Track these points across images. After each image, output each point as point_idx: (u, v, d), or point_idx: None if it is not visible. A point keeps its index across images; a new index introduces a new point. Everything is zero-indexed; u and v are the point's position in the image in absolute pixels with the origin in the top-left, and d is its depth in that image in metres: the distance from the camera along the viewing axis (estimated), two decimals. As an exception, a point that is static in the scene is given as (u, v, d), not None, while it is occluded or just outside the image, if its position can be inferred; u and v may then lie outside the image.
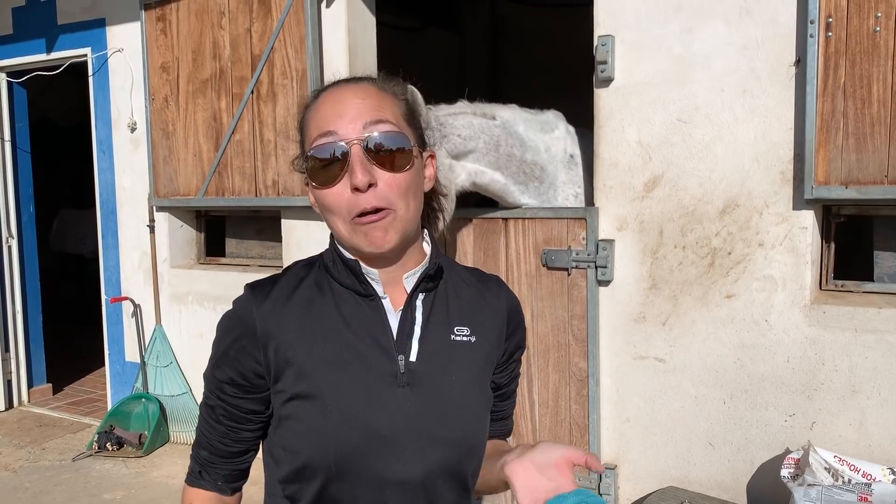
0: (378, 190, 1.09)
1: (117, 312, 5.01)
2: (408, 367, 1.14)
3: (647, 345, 3.13)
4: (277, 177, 4.06)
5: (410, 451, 1.11)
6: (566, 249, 3.18)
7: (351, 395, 1.11)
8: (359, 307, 1.16)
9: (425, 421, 1.13)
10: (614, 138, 3.13)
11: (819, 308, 2.81)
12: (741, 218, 2.92)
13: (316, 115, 1.13)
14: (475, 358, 1.20)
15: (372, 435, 1.10)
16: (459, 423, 1.15)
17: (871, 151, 2.62)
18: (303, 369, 1.12)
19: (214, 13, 4.21)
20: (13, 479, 4.20)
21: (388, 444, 1.10)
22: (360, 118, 1.09)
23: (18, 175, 5.48)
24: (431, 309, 1.19)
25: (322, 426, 1.10)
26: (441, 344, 1.18)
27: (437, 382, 1.15)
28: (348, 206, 1.09)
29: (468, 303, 1.23)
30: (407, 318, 1.16)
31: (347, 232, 1.12)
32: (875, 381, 2.72)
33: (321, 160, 1.10)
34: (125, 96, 4.75)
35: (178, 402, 4.67)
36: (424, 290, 1.19)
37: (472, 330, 1.21)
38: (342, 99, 1.12)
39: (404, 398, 1.12)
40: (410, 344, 1.15)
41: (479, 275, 1.30)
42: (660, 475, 3.14)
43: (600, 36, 3.10)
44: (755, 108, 2.86)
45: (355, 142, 1.08)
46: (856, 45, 2.62)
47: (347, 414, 1.10)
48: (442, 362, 1.16)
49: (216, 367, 1.20)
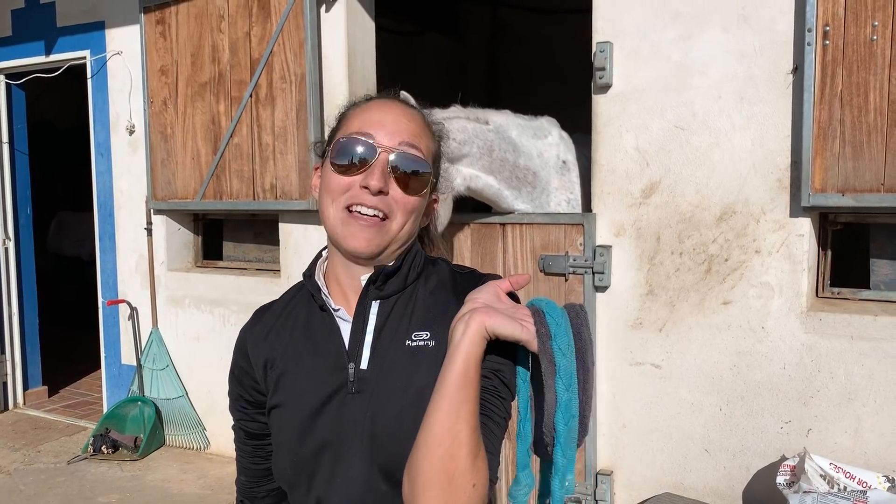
0: (384, 199, 1.14)
1: (114, 315, 5.00)
2: (357, 375, 1.15)
3: (643, 351, 3.13)
4: (275, 180, 4.06)
5: (356, 455, 1.13)
6: (563, 255, 3.18)
7: (307, 407, 1.16)
8: (319, 319, 1.22)
9: (371, 426, 1.13)
10: (612, 144, 3.13)
11: (815, 315, 2.81)
12: (738, 225, 2.93)
13: (362, 113, 1.19)
14: (433, 362, 1.13)
15: (320, 443, 1.14)
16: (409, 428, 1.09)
17: (867, 159, 2.63)
18: (278, 384, 1.20)
19: (214, 17, 4.22)
20: (8, 482, 4.18)
21: (334, 449, 1.14)
22: (398, 134, 1.16)
23: (16, 177, 5.47)
24: (390, 315, 1.19)
25: (284, 438, 1.18)
26: (394, 350, 1.17)
27: (388, 388, 1.14)
28: (349, 196, 1.15)
29: (436, 307, 1.20)
30: (359, 324, 1.19)
31: (336, 219, 1.17)
32: (871, 388, 2.72)
33: (350, 151, 1.15)
34: (124, 99, 4.75)
35: (174, 405, 4.66)
36: (378, 297, 1.20)
37: (433, 334, 1.18)
38: (391, 111, 1.19)
39: (352, 404, 1.14)
40: (361, 351, 1.17)
41: (465, 276, 1.25)
42: (656, 481, 3.14)
43: (599, 42, 3.11)
44: (753, 116, 2.87)
45: (388, 151, 1.14)
46: (853, 53, 2.63)
47: (301, 425, 1.16)
48: (394, 368, 1.16)
49: (230, 388, 1.29)
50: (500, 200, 3.18)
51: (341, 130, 1.20)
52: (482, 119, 3.11)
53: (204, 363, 4.57)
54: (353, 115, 1.20)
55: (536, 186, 3.29)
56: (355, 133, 1.16)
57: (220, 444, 4.56)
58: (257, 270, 4.54)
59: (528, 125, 3.32)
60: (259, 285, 4.33)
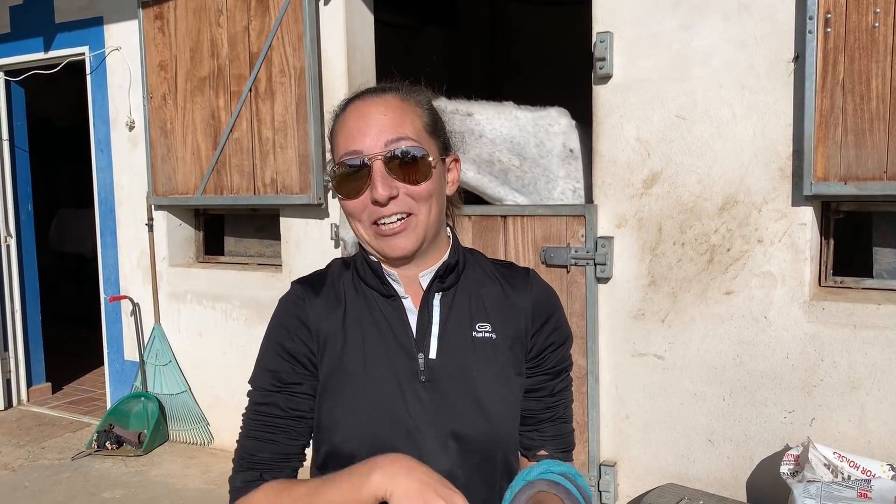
0: (399, 200, 1.17)
1: (116, 311, 5.00)
2: (427, 365, 1.19)
3: (646, 342, 3.13)
4: (276, 175, 4.05)
5: (431, 445, 1.16)
6: (565, 247, 3.18)
7: (376, 392, 1.18)
8: (384, 307, 1.23)
9: (444, 416, 1.18)
10: (613, 135, 3.12)
11: (818, 304, 2.81)
12: (740, 214, 2.92)
13: (343, 130, 1.21)
14: (497, 354, 1.23)
15: (397, 429, 1.16)
16: (479, 419, 1.19)
17: (870, 147, 2.62)
18: (340, 364, 1.20)
19: (212, 11, 4.20)
20: (12, 479, 4.19)
21: (412, 439, 1.16)
22: (382, 135, 1.16)
23: (17, 174, 5.46)
24: (451, 306, 1.24)
25: (353, 420, 1.17)
26: (461, 341, 1.22)
27: (457, 379, 1.19)
28: (369, 214, 1.18)
29: (492, 299, 1.27)
30: (424, 316, 1.22)
31: (370, 237, 1.21)
32: (874, 377, 2.72)
33: (347, 175, 1.18)
34: (123, 95, 4.74)
35: (177, 400, 4.67)
36: (440, 289, 1.24)
37: (494, 327, 1.24)
38: (366, 114, 1.19)
39: (425, 394, 1.18)
40: (429, 342, 1.21)
41: (507, 270, 1.33)
42: (659, 472, 3.14)
43: (599, 33, 3.09)
44: (754, 105, 2.86)
45: (377, 158, 1.16)
46: (855, 40, 2.62)
47: (374, 410, 1.17)
48: (462, 359, 1.21)
49: (273, 360, 1.23)
50: (484, 189, 3.27)
51: (335, 153, 1.23)
52: (463, 111, 3.19)
53: (207, 358, 4.57)
54: (338, 132, 1.22)
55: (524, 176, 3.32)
56: (343, 155, 1.19)
57: (224, 438, 4.57)
58: (259, 265, 4.54)
59: (527, 115, 3.33)
60: (261, 280, 4.33)
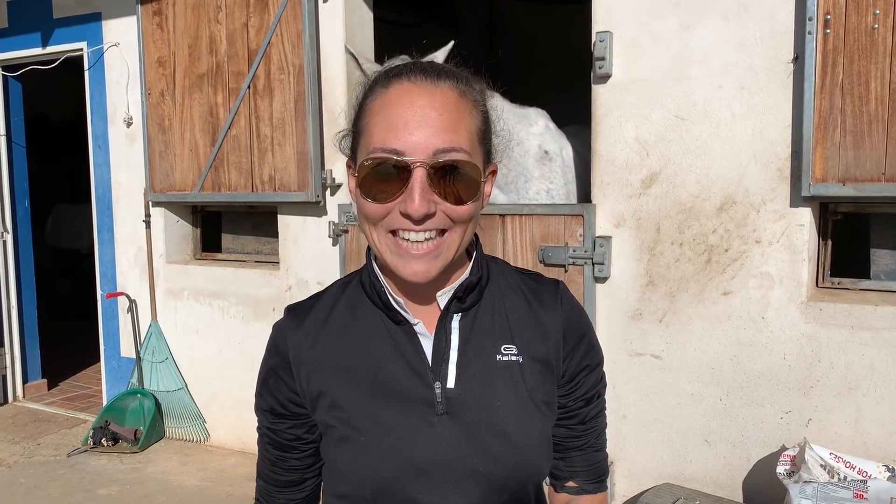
0: (435, 218, 0.99)
1: (113, 308, 4.99)
2: (445, 395, 1.05)
3: (643, 342, 3.13)
4: (274, 172, 4.04)
5: (449, 485, 1.03)
6: (563, 246, 3.18)
7: (386, 426, 1.04)
8: (392, 331, 1.08)
9: (466, 453, 1.04)
10: (612, 135, 3.12)
11: (816, 305, 2.81)
12: (738, 215, 2.92)
13: (383, 114, 0.99)
14: (524, 381, 1.08)
15: (409, 467, 1.03)
16: (506, 453, 1.05)
17: (868, 149, 2.62)
18: (336, 400, 1.07)
19: (211, 7, 4.19)
20: (7, 475, 4.18)
21: (426, 477, 1.03)
22: (432, 140, 0.96)
23: (13, 170, 5.45)
24: (473, 328, 1.09)
25: (359, 459, 1.05)
26: (483, 367, 1.08)
27: (479, 410, 1.05)
28: (390, 222, 1.00)
29: (518, 317, 1.12)
30: (441, 341, 1.08)
31: (384, 245, 1.02)
32: (871, 378, 2.72)
33: (378, 173, 0.98)
34: (121, 91, 4.73)
35: (173, 397, 4.66)
36: (459, 310, 1.09)
37: (520, 349, 1.09)
38: (416, 105, 0.97)
39: (443, 428, 1.04)
40: (446, 369, 1.06)
41: (534, 283, 1.17)
42: (656, 472, 3.14)
43: (598, 32, 3.09)
44: (753, 105, 2.86)
45: (422, 166, 0.96)
46: (854, 42, 2.62)
47: (383, 446, 1.03)
48: (484, 387, 1.07)
49: (259, 396, 1.15)
50: None
51: (365, 138, 1.02)
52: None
53: (203, 355, 4.57)
54: (373, 112, 1.01)
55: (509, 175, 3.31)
56: (378, 149, 0.98)
57: (220, 436, 4.56)
58: (256, 262, 4.54)
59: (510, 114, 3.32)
60: (258, 277, 4.32)
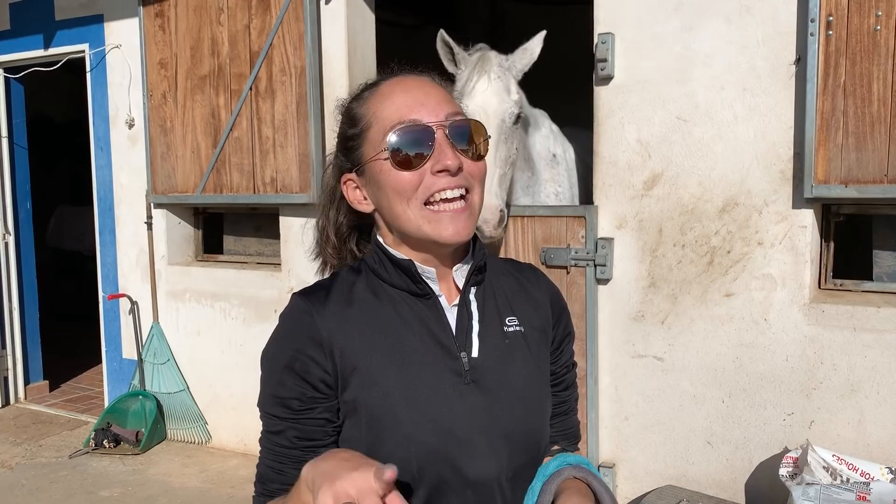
0: (462, 175, 1.09)
1: (114, 309, 4.99)
2: (471, 364, 1.12)
3: (645, 343, 3.12)
4: (276, 174, 4.05)
5: (483, 449, 1.09)
6: (565, 248, 3.17)
7: (421, 397, 1.08)
8: (416, 307, 1.14)
9: (494, 417, 1.11)
10: (614, 136, 3.12)
11: (818, 307, 2.81)
12: (741, 216, 2.92)
13: (389, 103, 1.10)
14: (528, 349, 1.19)
15: (449, 435, 1.07)
16: (526, 417, 1.14)
17: (870, 150, 2.62)
18: (370, 375, 1.08)
19: (213, 9, 4.19)
20: (10, 476, 4.18)
21: (464, 444, 1.08)
22: (441, 107, 1.09)
23: (15, 171, 5.45)
24: (484, 302, 1.18)
25: (400, 434, 1.06)
26: (498, 337, 1.16)
27: (501, 377, 1.14)
28: (426, 188, 1.08)
29: (513, 293, 1.22)
30: (463, 313, 1.15)
31: (419, 219, 1.09)
32: (874, 379, 2.72)
33: (405, 144, 1.07)
34: (123, 93, 4.73)
35: (175, 399, 4.66)
36: (475, 284, 1.18)
37: (521, 320, 1.20)
38: (417, 87, 1.12)
39: (471, 395, 1.10)
40: (471, 339, 1.14)
41: (514, 264, 1.30)
42: (658, 474, 3.14)
43: (600, 34, 3.09)
44: (755, 107, 2.86)
45: (442, 126, 1.08)
46: (856, 43, 2.62)
47: (422, 417, 1.07)
48: (501, 356, 1.15)
49: (280, 385, 1.09)
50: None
51: (374, 128, 1.11)
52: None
53: (205, 357, 4.57)
54: (377, 109, 1.11)
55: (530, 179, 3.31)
56: (396, 125, 1.07)
57: (222, 437, 4.56)
58: (258, 264, 4.54)
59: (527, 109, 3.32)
60: (260, 279, 4.32)
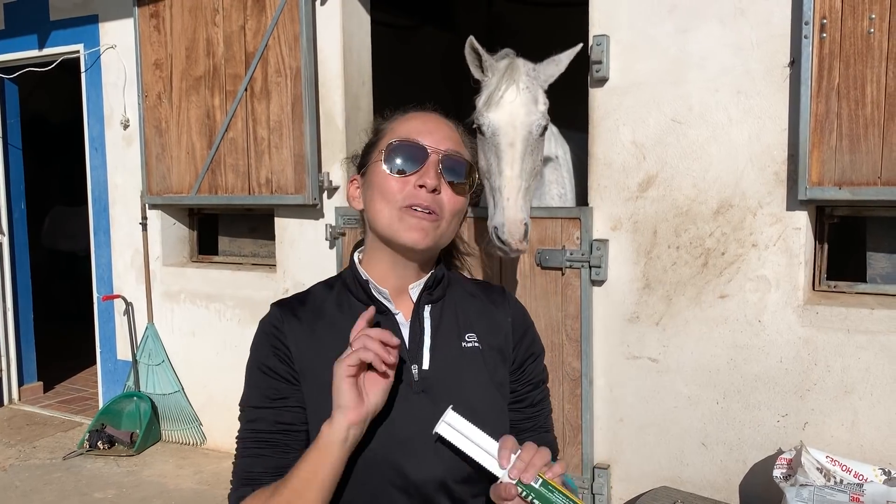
0: (438, 198, 1.22)
1: (109, 310, 4.98)
2: (421, 375, 1.22)
3: (640, 345, 3.13)
4: (271, 175, 4.04)
5: (425, 450, 1.17)
6: (560, 249, 3.18)
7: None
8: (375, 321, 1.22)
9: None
10: (609, 138, 3.13)
11: (812, 309, 2.81)
12: (735, 218, 2.92)
13: (404, 125, 1.28)
14: (485, 364, 1.28)
15: (392, 441, 1.17)
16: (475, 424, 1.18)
17: (864, 152, 2.63)
18: (323, 379, 1.16)
19: (208, 10, 4.19)
20: (3, 478, 4.17)
21: (405, 448, 1.17)
22: (445, 142, 1.26)
23: (10, 172, 5.44)
24: (441, 318, 1.29)
25: None
26: (452, 351, 1.27)
27: (450, 388, 1.23)
28: (405, 196, 1.21)
29: (475, 314, 1.33)
30: (416, 328, 1.26)
31: (392, 218, 1.22)
32: (867, 381, 2.73)
33: (404, 152, 1.23)
34: (118, 93, 4.72)
35: (169, 400, 4.65)
36: (429, 302, 1.29)
37: (479, 338, 1.30)
38: (432, 121, 1.29)
39: (419, 403, 1.20)
40: (422, 353, 1.24)
41: (484, 286, 1.41)
42: (653, 475, 3.14)
43: (595, 35, 3.10)
44: (750, 109, 2.87)
45: (438, 152, 1.24)
46: (850, 46, 2.63)
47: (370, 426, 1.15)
48: (453, 369, 1.25)
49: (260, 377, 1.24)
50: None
51: (385, 139, 1.27)
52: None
53: (200, 358, 4.56)
54: (395, 126, 1.29)
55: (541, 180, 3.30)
56: (404, 137, 1.24)
57: (217, 438, 4.56)
58: (253, 265, 4.53)
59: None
60: (255, 280, 4.32)
